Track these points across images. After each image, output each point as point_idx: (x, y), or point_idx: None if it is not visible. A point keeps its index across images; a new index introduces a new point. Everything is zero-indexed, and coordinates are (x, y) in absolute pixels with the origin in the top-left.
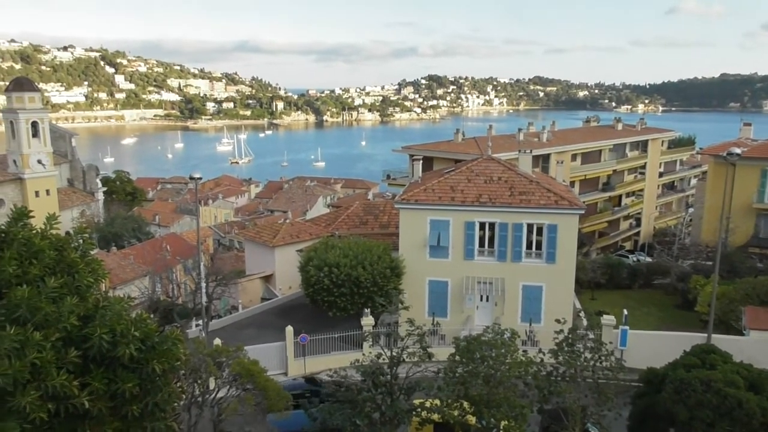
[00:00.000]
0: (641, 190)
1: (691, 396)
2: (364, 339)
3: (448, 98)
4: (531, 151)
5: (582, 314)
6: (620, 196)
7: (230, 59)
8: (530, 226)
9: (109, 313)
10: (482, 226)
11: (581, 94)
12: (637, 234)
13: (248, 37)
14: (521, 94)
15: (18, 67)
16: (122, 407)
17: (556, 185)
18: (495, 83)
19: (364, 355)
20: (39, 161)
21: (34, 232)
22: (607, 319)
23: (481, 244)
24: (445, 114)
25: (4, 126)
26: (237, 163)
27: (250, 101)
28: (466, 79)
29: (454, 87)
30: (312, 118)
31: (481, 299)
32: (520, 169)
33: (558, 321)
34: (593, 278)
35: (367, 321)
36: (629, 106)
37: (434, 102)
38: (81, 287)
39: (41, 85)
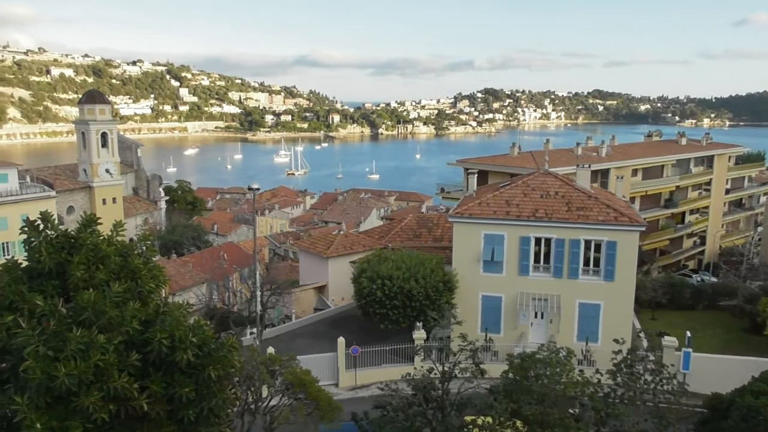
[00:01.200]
0: (706, 207)
1: (760, 424)
2: (415, 353)
3: (504, 112)
4: (589, 166)
5: (642, 335)
6: (683, 213)
7: (289, 73)
8: (588, 243)
9: (168, 318)
10: (538, 241)
11: (643, 107)
12: (702, 253)
13: (307, 51)
14: (580, 107)
15: (90, 80)
16: (179, 411)
17: (616, 201)
18: (552, 97)
19: (415, 368)
20: (107, 170)
21: (101, 238)
22: (669, 341)
23: (537, 260)
24: (500, 128)
25: (77, 136)
26: (293, 174)
27: (308, 114)
28: (522, 92)
29: (511, 100)
30: (367, 130)
31: (536, 316)
32: (577, 184)
33: (616, 341)
34: (654, 298)
35: (419, 335)
36: (694, 121)
37: (490, 115)
38: (143, 293)
39: (111, 98)
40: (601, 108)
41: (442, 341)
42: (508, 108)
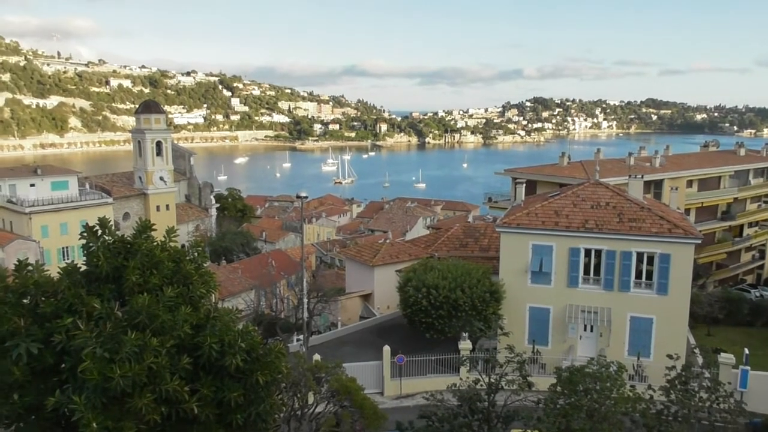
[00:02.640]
0: (766, 220)
1: None
2: (461, 363)
3: (554, 121)
4: (642, 176)
5: (697, 351)
6: (741, 226)
7: (338, 83)
8: (640, 255)
9: (218, 323)
10: (588, 252)
11: (699, 117)
12: (761, 267)
13: (356, 61)
14: (632, 117)
15: (147, 90)
16: (227, 415)
17: (670, 212)
18: (604, 106)
19: (461, 379)
20: (161, 178)
21: (155, 244)
22: (725, 358)
23: (586, 272)
24: (550, 137)
25: (133, 145)
26: (340, 183)
27: (355, 123)
28: (573, 101)
29: (560, 109)
30: (414, 139)
31: (585, 329)
32: (629, 195)
33: (670, 357)
34: (710, 313)
35: (465, 345)
36: (753, 131)
37: (539, 125)
38: (194, 298)
39: (166, 108)
40: (654, 117)
41: (489, 352)
42: (558, 117)
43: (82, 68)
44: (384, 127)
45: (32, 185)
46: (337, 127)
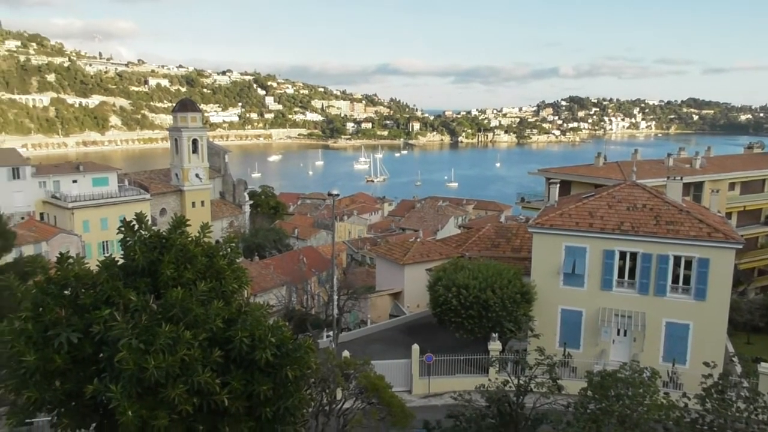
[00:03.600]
0: None
1: None
2: (490, 364)
3: (590, 121)
4: (682, 178)
5: (735, 359)
6: None
7: (371, 81)
8: (677, 259)
9: (249, 318)
10: (623, 255)
11: (743, 117)
12: None
13: (389, 59)
14: (672, 117)
15: (183, 89)
16: (257, 408)
17: (710, 216)
18: (642, 105)
19: (489, 380)
20: (197, 175)
21: (189, 239)
22: (765, 367)
23: (621, 275)
24: (585, 137)
25: (170, 142)
26: (372, 181)
27: (388, 122)
28: (610, 101)
29: (597, 109)
30: (447, 138)
31: (618, 333)
32: (668, 197)
33: (707, 364)
34: (750, 320)
35: (495, 346)
36: None
37: (574, 124)
38: (227, 292)
39: (202, 106)
40: (696, 117)
41: (519, 354)
42: (594, 117)
43: (122, 68)
44: (417, 125)
45: (75, 181)
46: (369, 125)
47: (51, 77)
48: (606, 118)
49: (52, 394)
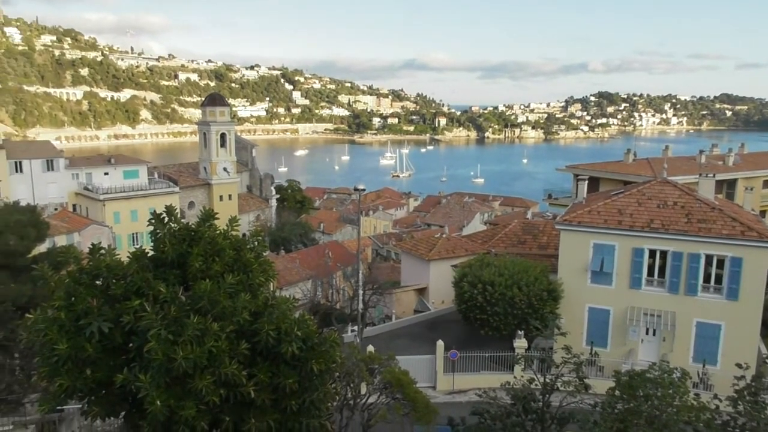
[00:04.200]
0: None
1: None
2: (515, 361)
3: (619, 116)
4: (714, 175)
5: None
6: None
7: (397, 76)
8: (709, 258)
9: (276, 311)
10: (652, 253)
11: None
12: None
13: (416, 55)
14: (704, 113)
15: (212, 84)
16: (282, 401)
17: (744, 214)
18: (674, 101)
19: (515, 378)
20: (225, 169)
21: (217, 232)
22: None
23: (650, 273)
24: (614, 133)
25: (199, 136)
26: (398, 176)
27: (414, 117)
28: (640, 96)
29: (627, 105)
30: (473, 134)
31: (647, 332)
32: (699, 195)
33: (739, 366)
34: None
35: (520, 343)
36: None
37: (603, 120)
38: (253, 285)
39: (230, 101)
40: (729, 113)
41: (546, 352)
42: (624, 112)
43: (153, 63)
44: (443, 121)
45: (106, 174)
46: (395, 120)
47: (84, 71)
48: (636, 114)
49: (83, 382)
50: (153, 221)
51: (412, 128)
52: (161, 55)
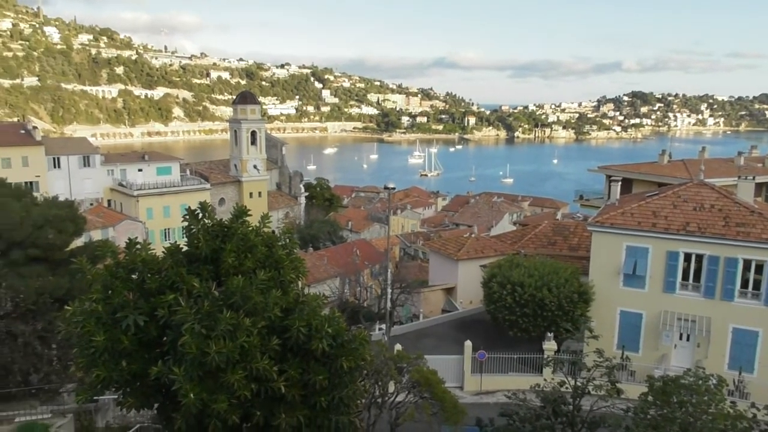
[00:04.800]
0: None
1: None
2: (545, 364)
3: (653, 117)
4: (754, 178)
5: None
6: None
7: (427, 75)
8: (747, 263)
9: (306, 308)
10: (687, 257)
11: None
12: None
13: (446, 53)
14: (743, 113)
15: (243, 82)
16: (312, 397)
17: None
18: (711, 101)
19: (545, 380)
20: (255, 166)
21: (250, 229)
22: None
23: (685, 277)
24: (648, 133)
25: (229, 134)
26: (426, 175)
27: (443, 116)
28: (675, 96)
29: (661, 105)
30: (503, 133)
31: (681, 338)
32: (738, 198)
33: None
34: None
35: (550, 345)
36: None
37: (636, 120)
38: (285, 282)
39: (261, 99)
40: None
41: (576, 355)
42: (658, 113)
43: (186, 61)
44: (472, 120)
45: (140, 170)
46: (424, 119)
47: (120, 70)
48: (671, 114)
49: (118, 374)
50: (187, 217)
51: (441, 127)
52: (194, 53)
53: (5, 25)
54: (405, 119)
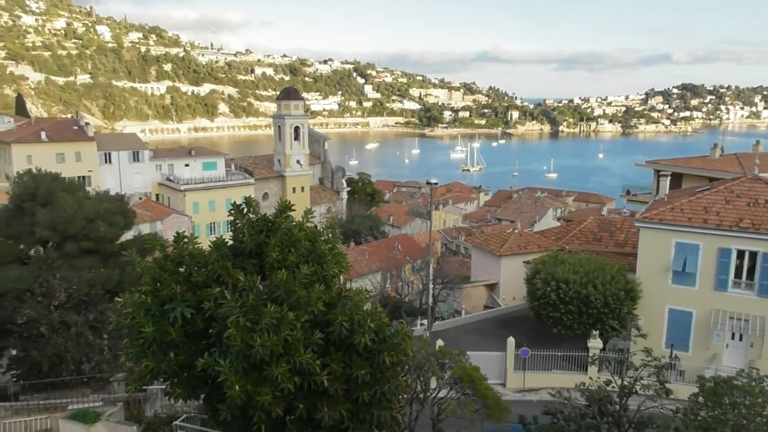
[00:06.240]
0: None
1: None
2: (590, 362)
3: (704, 109)
4: None
5: None
6: None
7: (469, 69)
8: None
9: (349, 302)
10: (740, 254)
11: None
12: None
13: (489, 47)
14: None
15: (287, 78)
16: (354, 391)
17: None
18: (765, 93)
19: (590, 379)
20: (298, 161)
21: (294, 223)
22: None
23: (738, 275)
24: (699, 127)
25: (273, 129)
26: (468, 170)
27: (486, 110)
28: (728, 88)
29: (713, 97)
30: (547, 128)
31: (733, 337)
32: None
33: None
34: None
35: (595, 344)
36: None
37: (687, 113)
38: (327, 276)
39: (304, 95)
40: None
41: (623, 353)
42: (709, 105)
43: (231, 58)
44: (515, 114)
45: (187, 165)
46: (467, 114)
47: (167, 67)
48: (723, 107)
49: (166, 365)
50: (233, 212)
51: (483, 122)
52: (239, 50)
53: (60, 24)
54: (447, 114)
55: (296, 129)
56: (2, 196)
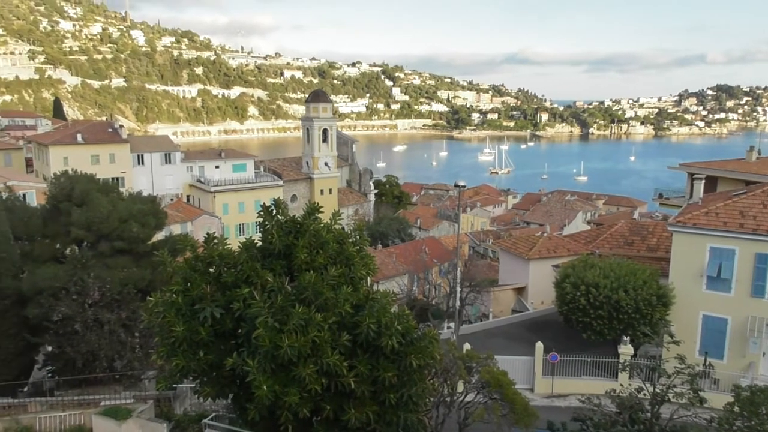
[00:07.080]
0: None
1: None
2: (621, 368)
3: (740, 111)
4: None
5: None
6: None
7: (498, 71)
8: None
9: (376, 305)
10: None
11: None
12: None
13: (518, 49)
14: None
15: (315, 81)
16: (381, 393)
17: None
18: None
19: (621, 385)
20: (326, 163)
21: (322, 225)
22: None
23: None
24: (734, 129)
25: (302, 132)
26: (496, 173)
27: (515, 113)
28: (765, 89)
29: (749, 98)
30: (577, 130)
31: None
32: None
33: None
34: None
35: (626, 350)
36: None
37: (722, 115)
38: (355, 278)
39: (332, 97)
40: None
41: (655, 360)
42: (746, 107)
43: (261, 61)
44: (545, 116)
45: (217, 167)
46: (495, 116)
47: (199, 70)
48: (759, 108)
49: (196, 364)
50: (262, 213)
51: (512, 124)
52: (268, 53)
53: (96, 29)
54: (475, 116)
55: (324, 131)
56: (40, 197)
